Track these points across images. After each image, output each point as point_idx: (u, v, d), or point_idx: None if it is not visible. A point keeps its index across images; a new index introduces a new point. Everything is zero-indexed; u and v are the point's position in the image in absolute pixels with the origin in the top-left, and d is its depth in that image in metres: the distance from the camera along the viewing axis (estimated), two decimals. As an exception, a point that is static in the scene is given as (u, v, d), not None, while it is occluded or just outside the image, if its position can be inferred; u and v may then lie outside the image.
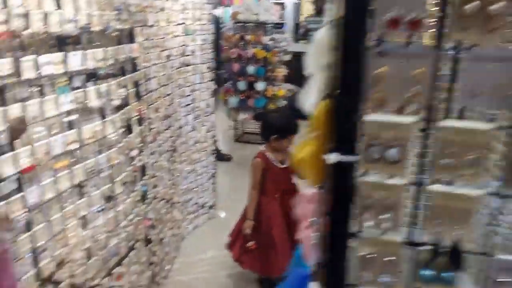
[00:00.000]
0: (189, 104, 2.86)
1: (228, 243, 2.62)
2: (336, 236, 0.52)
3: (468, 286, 0.52)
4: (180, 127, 2.80)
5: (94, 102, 1.58)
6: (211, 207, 3.36)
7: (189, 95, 2.83)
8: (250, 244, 2.43)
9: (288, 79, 4.98)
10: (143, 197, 2.14)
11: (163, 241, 2.52)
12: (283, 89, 4.50)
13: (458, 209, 0.50)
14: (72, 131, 1.49)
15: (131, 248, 1.99)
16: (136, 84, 1.96)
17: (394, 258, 0.52)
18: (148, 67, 2.11)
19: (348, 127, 0.50)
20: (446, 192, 0.50)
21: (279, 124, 2.40)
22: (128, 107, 1.88)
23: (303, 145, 0.57)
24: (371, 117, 0.53)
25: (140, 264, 2.11)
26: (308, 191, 0.66)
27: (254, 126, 5.14)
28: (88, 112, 1.59)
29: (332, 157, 0.50)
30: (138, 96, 1.99)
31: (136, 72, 1.95)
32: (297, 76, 6.36)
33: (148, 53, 2.09)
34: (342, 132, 0.51)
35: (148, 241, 2.24)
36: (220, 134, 4.41)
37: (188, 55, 2.72)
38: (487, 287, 0.53)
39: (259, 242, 2.43)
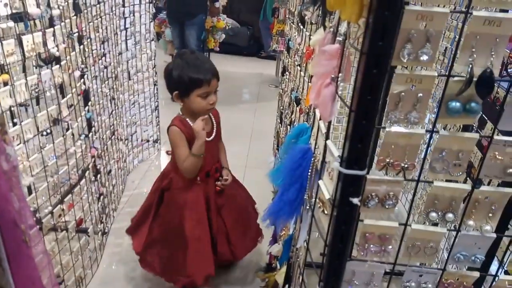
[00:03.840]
0: (128, 28, 2.63)
1: (130, 227, 1.99)
2: (372, 73, 0.52)
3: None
4: (120, 53, 2.59)
5: (33, 8, 1.38)
6: (155, 141, 3.27)
7: (127, 17, 2.59)
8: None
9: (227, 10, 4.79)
10: (89, 125, 2.00)
11: (110, 173, 2.42)
12: (223, 21, 4.32)
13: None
14: (10, 40, 1.31)
15: (81, 177, 1.89)
16: (75, -5, 1.74)
17: (424, 94, 0.55)
18: (86, -23, 1.88)
19: None
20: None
21: (181, 74, 1.65)
22: (68, 20, 1.68)
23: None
24: None
25: (90, 194, 2.02)
26: (329, 46, 0.65)
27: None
28: (26, 20, 1.39)
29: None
30: (77, 9, 1.78)
31: (74, -19, 1.72)
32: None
33: (84, -41, 1.84)
34: None
35: (97, 171, 2.13)
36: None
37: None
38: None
39: (166, 237, 1.83)
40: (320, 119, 0.74)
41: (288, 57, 2.68)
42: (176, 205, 1.81)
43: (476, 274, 0.72)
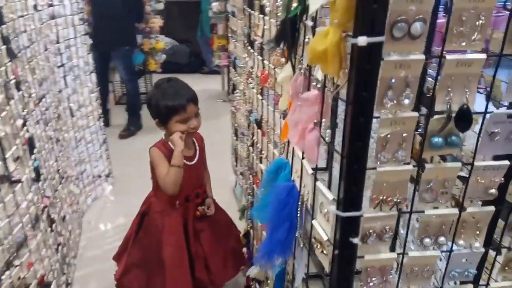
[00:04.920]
0: (65, 63, 2.49)
1: (116, 254, 1.99)
2: (359, 121, 0.55)
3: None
4: (60, 91, 2.45)
5: (-37, 62, 1.27)
6: (107, 175, 3.12)
7: (63, 52, 2.46)
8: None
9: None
10: (37, 174, 1.86)
11: (65, 220, 2.27)
12: (161, 41, 4.23)
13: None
14: None
15: (36, 228, 1.75)
16: (7, 41, 1.62)
17: (408, 134, 0.59)
18: (16, 19, 1.75)
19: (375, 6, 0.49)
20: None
21: (157, 103, 1.68)
22: (3, 68, 1.56)
23: (322, 37, 0.55)
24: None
25: (48, 247, 1.88)
26: (309, 94, 0.66)
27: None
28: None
29: (361, 40, 0.50)
30: (11, 55, 1.65)
31: (4, 26, 1.60)
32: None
33: (13, 1, 1.72)
34: (369, 13, 0.50)
35: (51, 221, 1.99)
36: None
37: (55, 5, 2.32)
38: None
39: (145, 261, 1.83)
40: (303, 158, 0.75)
41: (236, 74, 2.68)
42: (155, 230, 1.80)
43: (470, 286, 0.77)
